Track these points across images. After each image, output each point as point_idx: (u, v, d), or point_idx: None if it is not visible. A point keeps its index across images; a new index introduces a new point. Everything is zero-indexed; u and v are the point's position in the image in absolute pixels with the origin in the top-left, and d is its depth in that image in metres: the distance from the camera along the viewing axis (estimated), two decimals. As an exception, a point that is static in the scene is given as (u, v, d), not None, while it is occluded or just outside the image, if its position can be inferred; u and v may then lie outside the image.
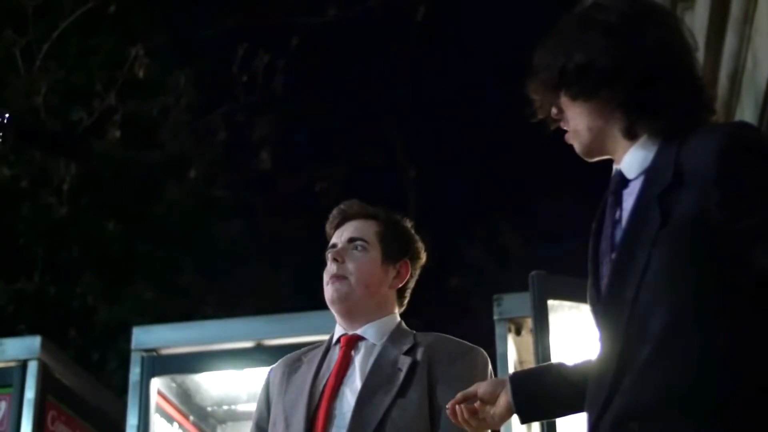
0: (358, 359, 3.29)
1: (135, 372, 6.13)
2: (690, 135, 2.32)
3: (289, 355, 3.48)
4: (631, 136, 2.42)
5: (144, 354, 6.15)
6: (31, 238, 12.57)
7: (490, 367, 3.31)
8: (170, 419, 6.25)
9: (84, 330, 12.38)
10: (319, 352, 3.37)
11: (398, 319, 3.43)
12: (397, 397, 3.15)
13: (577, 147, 2.54)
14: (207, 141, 14.07)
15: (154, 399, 6.10)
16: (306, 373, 3.29)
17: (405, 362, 3.22)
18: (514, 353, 5.56)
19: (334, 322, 3.44)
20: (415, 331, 3.39)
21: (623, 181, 2.44)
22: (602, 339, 2.33)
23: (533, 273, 5.43)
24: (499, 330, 5.62)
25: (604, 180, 2.59)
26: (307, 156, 16.16)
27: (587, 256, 2.51)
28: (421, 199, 16.77)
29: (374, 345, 3.31)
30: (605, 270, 2.40)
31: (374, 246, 3.42)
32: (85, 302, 12.43)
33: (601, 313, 2.36)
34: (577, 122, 2.50)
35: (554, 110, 2.54)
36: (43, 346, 6.35)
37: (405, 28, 15.17)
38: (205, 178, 13.93)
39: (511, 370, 5.43)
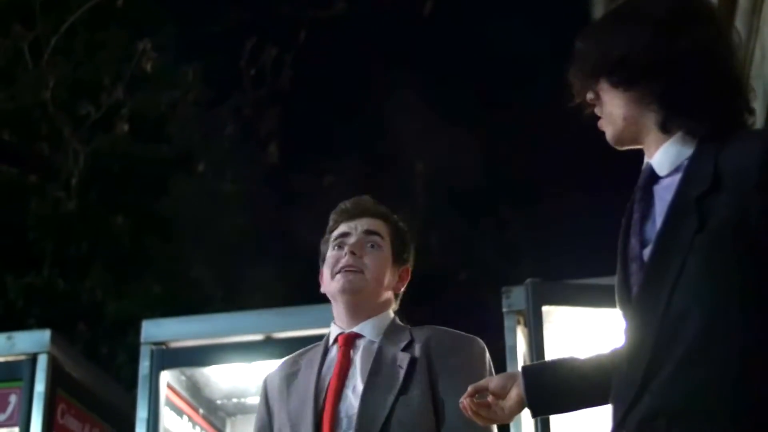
0: (358, 358, 3.27)
1: (144, 365, 6.13)
2: (729, 138, 2.31)
3: (284, 359, 3.44)
4: (666, 130, 2.41)
5: (153, 347, 6.15)
6: (40, 233, 12.59)
7: (487, 355, 3.30)
8: (180, 412, 6.25)
9: (93, 324, 12.40)
10: (317, 353, 3.34)
11: (392, 315, 3.42)
12: (399, 394, 3.14)
13: (609, 134, 2.53)
14: (215, 135, 14.09)
15: (163, 392, 6.10)
16: (308, 377, 3.26)
17: (404, 359, 3.20)
18: (524, 345, 5.55)
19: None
20: (410, 326, 3.38)
21: (653, 177, 2.44)
22: (632, 337, 2.32)
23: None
24: (507, 322, 5.61)
25: (613, 175, 2.60)
26: (315, 150, 16.17)
27: (614, 249, 2.48)
28: (429, 193, 16.77)
29: (372, 342, 3.29)
30: (635, 268, 2.38)
31: (387, 246, 3.42)
32: (94, 296, 12.46)
33: (633, 312, 2.34)
34: (613, 110, 2.49)
35: (590, 95, 2.54)
36: (53, 339, 6.36)
37: (412, 21, 15.16)
38: (213, 172, 13.94)
39: (520, 361, 5.44)
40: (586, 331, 5.34)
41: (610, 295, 2.51)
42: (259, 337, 6.07)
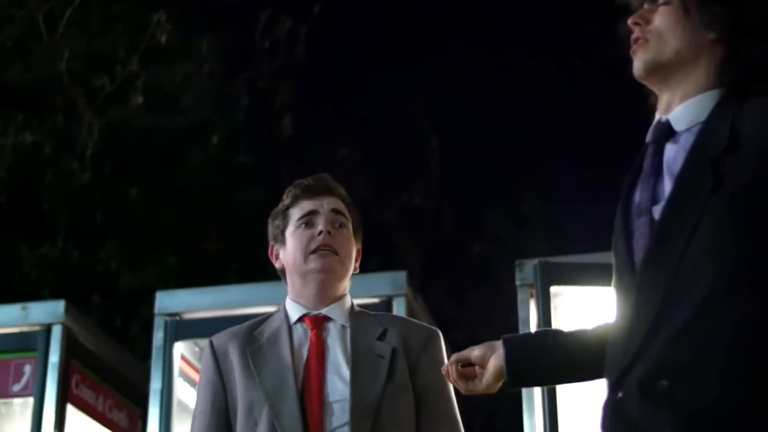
0: (331, 342, 3.23)
1: (158, 336, 6.16)
2: (748, 99, 2.27)
3: (233, 329, 3.36)
4: (720, 83, 2.34)
5: (167, 318, 6.18)
6: (55, 204, 12.61)
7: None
8: (193, 383, 6.27)
9: (107, 295, 12.44)
10: (281, 330, 3.27)
11: (350, 299, 3.40)
12: (386, 384, 3.13)
13: (649, 60, 2.42)
14: (229, 107, 14.08)
15: (177, 363, 6.13)
16: (279, 355, 3.19)
17: (385, 349, 3.20)
18: (536, 318, 5.57)
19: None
20: (370, 312, 3.40)
21: (668, 131, 2.39)
22: (636, 295, 2.27)
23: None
24: (521, 296, 5.63)
25: (625, 148, 2.55)
26: (329, 123, 16.16)
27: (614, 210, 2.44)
28: (443, 167, 16.76)
29: (344, 327, 3.27)
30: (641, 223, 2.33)
31: (350, 226, 3.40)
32: (109, 268, 12.48)
33: (636, 274, 2.29)
34: (670, 37, 2.39)
35: (635, 19, 2.45)
36: (67, 310, 6.39)
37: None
38: (227, 145, 13.94)
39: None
40: (595, 309, 5.34)
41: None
42: (272, 308, 6.04)
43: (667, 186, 2.32)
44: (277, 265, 3.44)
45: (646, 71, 2.44)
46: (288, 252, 3.35)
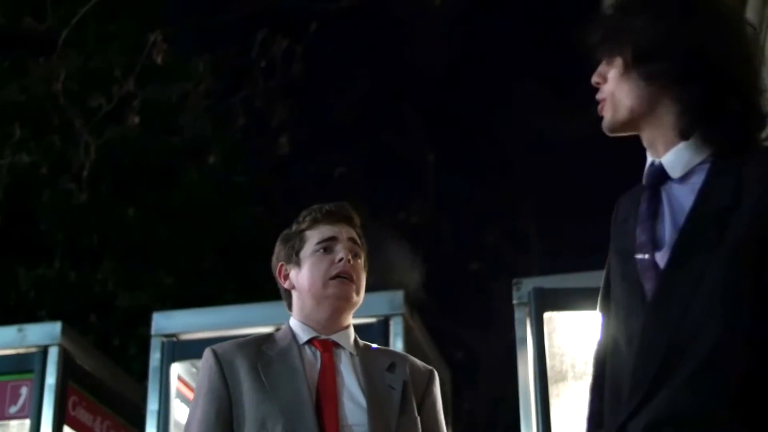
0: (342, 368, 3.24)
1: (155, 357, 6.15)
2: (751, 153, 2.28)
3: (237, 341, 3.36)
4: (684, 136, 2.35)
5: (164, 339, 6.17)
6: (52, 225, 12.62)
7: None
8: (191, 404, 6.27)
9: (104, 316, 12.43)
10: (290, 349, 3.27)
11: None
12: (400, 415, 3.16)
13: (608, 120, 2.44)
14: (226, 126, 14.10)
15: (174, 384, 6.12)
16: (292, 371, 3.19)
17: (395, 381, 3.23)
18: (532, 340, 5.57)
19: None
20: (372, 344, 3.42)
21: (662, 177, 2.38)
22: (638, 344, 2.27)
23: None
24: (518, 314, 5.63)
25: (621, 166, 2.55)
26: (326, 141, 16.18)
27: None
28: (440, 184, 16.77)
29: (352, 355, 3.29)
30: (643, 267, 2.32)
31: (363, 257, 3.41)
32: (106, 288, 12.47)
33: (642, 316, 2.28)
34: (621, 98, 2.41)
35: (596, 77, 2.46)
36: (64, 331, 6.38)
37: (423, 10, 15.13)
38: (224, 164, 13.95)
39: (530, 353, 5.45)
40: (589, 333, 5.34)
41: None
42: (270, 328, 6.07)
43: (667, 230, 2.32)
44: (286, 285, 3.44)
45: (611, 131, 2.46)
46: (303, 275, 3.35)
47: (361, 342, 3.39)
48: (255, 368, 3.20)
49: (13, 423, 6.28)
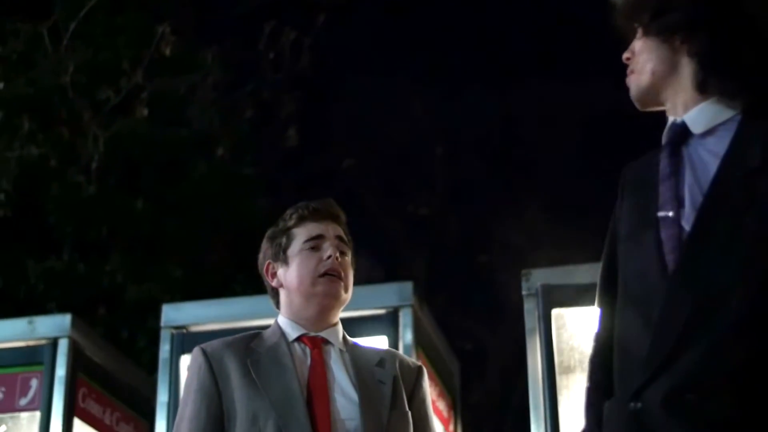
0: (332, 364, 3.26)
1: (165, 349, 6.16)
2: None
3: (224, 339, 3.37)
4: (703, 90, 2.36)
5: (174, 331, 6.17)
6: (60, 217, 12.61)
7: None
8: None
9: (113, 308, 12.43)
10: (279, 346, 3.28)
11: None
12: (391, 410, 3.18)
13: (634, 90, 2.49)
14: (234, 119, 14.09)
15: (184, 376, 6.12)
16: (281, 368, 3.20)
17: (385, 376, 3.25)
18: (539, 334, 5.57)
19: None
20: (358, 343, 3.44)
21: (684, 135, 2.38)
22: (659, 310, 2.24)
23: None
24: (527, 305, 5.63)
25: (632, 157, 2.54)
26: (334, 133, 16.17)
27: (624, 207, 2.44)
28: (448, 176, 16.76)
29: (341, 351, 3.31)
30: (669, 234, 2.30)
31: (349, 254, 3.44)
32: (115, 280, 12.47)
33: (665, 284, 2.27)
34: (643, 62, 2.46)
35: (626, 55, 2.51)
36: (74, 323, 6.39)
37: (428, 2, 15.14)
38: (232, 156, 13.95)
39: (538, 344, 5.46)
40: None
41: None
42: (278, 320, 6.08)
43: (688, 189, 2.31)
44: (273, 283, 3.46)
45: (637, 100, 2.50)
46: (291, 272, 3.37)
47: (350, 339, 3.41)
48: (245, 365, 3.21)
49: (24, 415, 6.29)
